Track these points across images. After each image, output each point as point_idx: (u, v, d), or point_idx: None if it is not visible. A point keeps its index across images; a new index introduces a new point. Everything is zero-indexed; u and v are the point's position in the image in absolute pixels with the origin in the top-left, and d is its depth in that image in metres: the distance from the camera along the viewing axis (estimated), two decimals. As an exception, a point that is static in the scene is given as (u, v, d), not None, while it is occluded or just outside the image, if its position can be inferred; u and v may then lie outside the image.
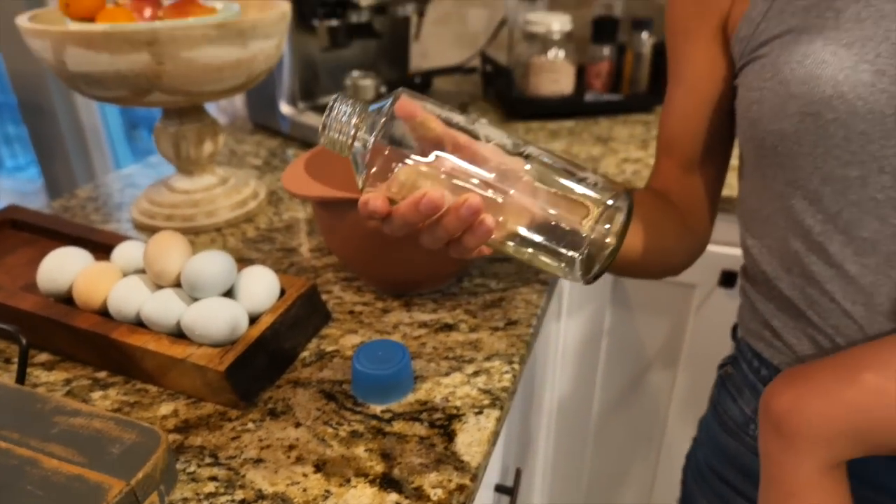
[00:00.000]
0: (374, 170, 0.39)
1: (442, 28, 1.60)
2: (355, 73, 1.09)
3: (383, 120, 0.39)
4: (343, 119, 0.39)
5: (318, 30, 1.03)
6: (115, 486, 0.39)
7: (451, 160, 0.39)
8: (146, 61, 0.65)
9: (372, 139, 0.39)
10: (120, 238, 0.66)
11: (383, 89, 1.11)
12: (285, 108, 1.09)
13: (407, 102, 0.39)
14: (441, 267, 0.64)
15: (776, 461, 0.46)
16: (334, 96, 0.40)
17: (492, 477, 0.63)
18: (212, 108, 1.62)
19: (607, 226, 0.39)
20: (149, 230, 0.81)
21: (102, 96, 0.71)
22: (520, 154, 0.40)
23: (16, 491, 0.39)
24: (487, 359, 0.57)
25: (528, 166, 0.40)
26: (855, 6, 0.43)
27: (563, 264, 0.40)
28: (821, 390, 0.43)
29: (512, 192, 0.39)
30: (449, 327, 0.61)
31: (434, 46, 1.62)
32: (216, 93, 0.73)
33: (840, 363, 0.44)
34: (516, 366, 0.56)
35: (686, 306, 1.00)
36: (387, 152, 0.38)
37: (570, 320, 1.02)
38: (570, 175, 0.40)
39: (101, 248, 0.65)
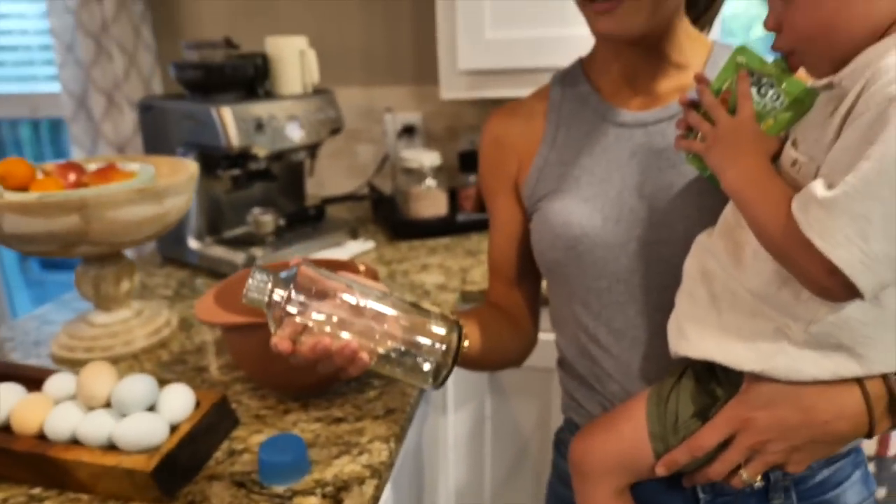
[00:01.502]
0: (282, 320, 0.56)
1: (335, 161, 1.82)
2: (256, 210, 1.26)
3: (291, 286, 0.56)
4: (261, 285, 0.56)
5: (222, 177, 1.21)
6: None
7: (338, 311, 0.56)
8: (76, 222, 0.79)
9: (281, 299, 0.56)
10: (47, 372, 0.76)
11: (282, 222, 1.28)
12: (193, 244, 1.23)
13: (305, 271, 0.57)
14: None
15: (580, 493, 0.63)
16: (254, 268, 0.56)
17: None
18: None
19: (444, 347, 0.58)
20: (69, 363, 0.90)
21: (32, 251, 0.83)
22: (387, 302, 0.59)
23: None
24: (370, 441, 0.71)
25: (393, 311, 0.58)
26: (586, 176, 0.66)
27: (418, 377, 0.59)
28: (596, 440, 0.62)
29: (382, 328, 0.57)
30: (339, 420, 0.75)
31: (329, 177, 1.83)
32: (135, 241, 0.87)
33: (608, 419, 0.63)
34: (392, 444, 0.71)
35: (549, 387, 1.19)
36: (291, 308, 0.55)
37: (457, 413, 1.17)
38: (422, 315, 0.59)
39: (31, 381, 0.75)
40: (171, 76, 1.20)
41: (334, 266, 0.90)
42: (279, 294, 0.55)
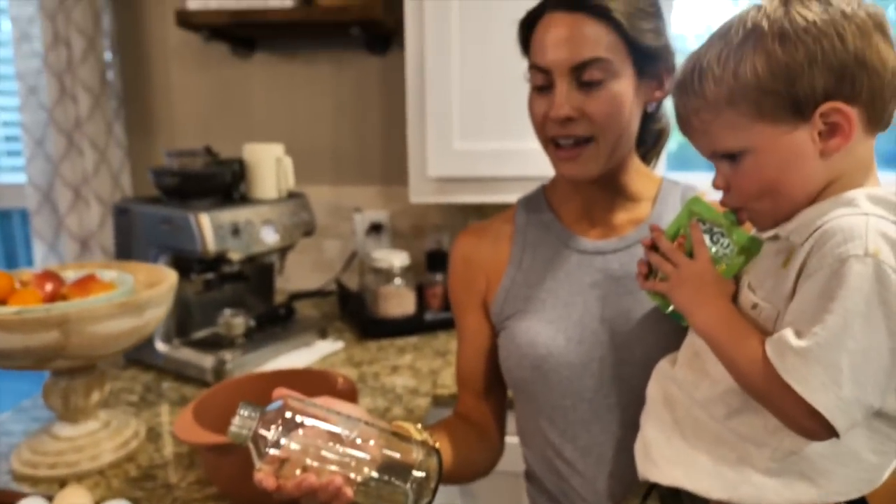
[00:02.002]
0: (266, 454, 0.57)
1: (302, 256, 1.85)
2: (227, 312, 1.26)
3: (278, 421, 0.57)
4: (247, 422, 0.57)
5: (195, 280, 1.22)
6: None
7: (321, 443, 0.58)
8: (55, 337, 0.79)
9: (265, 434, 0.57)
10: (15, 496, 0.74)
11: (252, 324, 1.28)
12: (161, 346, 1.22)
13: (290, 405, 0.59)
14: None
15: None
16: (241, 403, 0.57)
17: None
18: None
19: (425, 474, 0.59)
20: (31, 480, 0.87)
21: (5, 366, 0.81)
22: (368, 431, 0.60)
23: None
24: (350, 565, 0.71)
25: (374, 441, 0.60)
26: (551, 299, 0.72)
27: (400, 500, 0.60)
28: None
29: (364, 458, 0.58)
30: (318, 542, 0.75)
31: (295, 272, 1.85)
32: (111, 354, 0.87)
33: None
34: (373, 568, 0.70)
35: (519, 491, 1.19)
36: (275, 442, 0.57)
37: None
38: (402, 441, 0.61)
39: (-3, 506, 0.72)
40: (150, 181, 1.23)
41: (312, 377, 0.91)
42: (264, 429, 0.57)
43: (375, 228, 1.78)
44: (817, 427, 0.49)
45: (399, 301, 1.50)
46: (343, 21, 1.50)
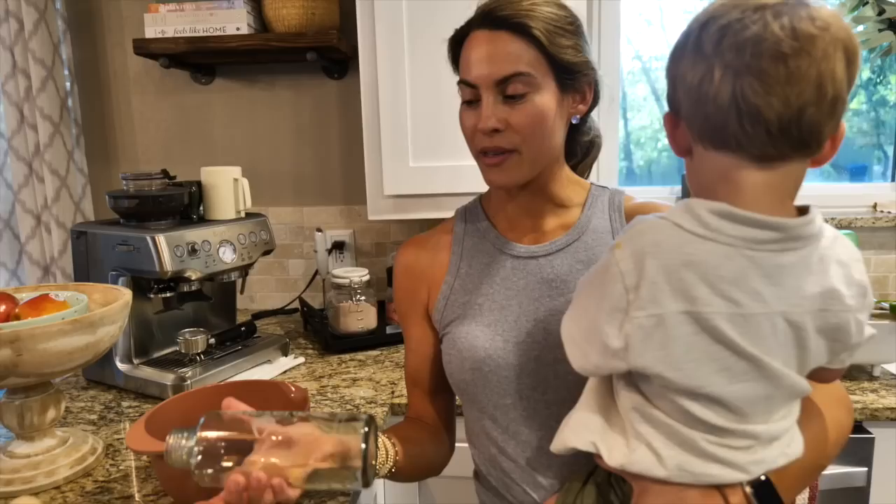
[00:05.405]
0: (205, 471, 0.60)
1: (266, 276, 1.88)
2: (186, 331, 1.28)
3: (207, 435, 0.60)
4: (180, 442, 0.60)
5: (154, 299, 1.24)
6: None
7: (259, 446, 0.60)
8: (7, 355, 0.81)
9: (200, 451, 0.60)
10: (-33, 510, 0.75)
11: (212, 341, 1.30)
12: (121, 365, 1.24)
13: (219, 415, 0.62)
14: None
15: None
16: (173, 430, 0.60)
17: None
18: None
19: (363, 445, 0.62)
20: (-15, 499, 0.88)
21: (-43, 384, 0.83)
22: (303, 423, 0.63)
23: None
24: (298, 563, 0.73)
25: (310, 430, 0.62)
26: (488, 303, 0.76)
27: (347, 479, 0.62)
28: None
29: (304, 449, 0.61)
30: (268, 543, 0.77)
31: (260, 292, 1.88)
32: (64, 371, 0.89)
33: None
34: (321, 565, 0.73)
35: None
36: (211, 455, 0.60)
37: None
38: (332, 418, 0.63)
39: (-51, 521, 0.74)
40: (108, 206, 1.25)
41: (265, 388, 0.94)
42: (199, 447, 0.60)
43: (338, 246, 1.82)
44: None
45: (360, 316, 1.53)
46: (300, 47, 1.55)
